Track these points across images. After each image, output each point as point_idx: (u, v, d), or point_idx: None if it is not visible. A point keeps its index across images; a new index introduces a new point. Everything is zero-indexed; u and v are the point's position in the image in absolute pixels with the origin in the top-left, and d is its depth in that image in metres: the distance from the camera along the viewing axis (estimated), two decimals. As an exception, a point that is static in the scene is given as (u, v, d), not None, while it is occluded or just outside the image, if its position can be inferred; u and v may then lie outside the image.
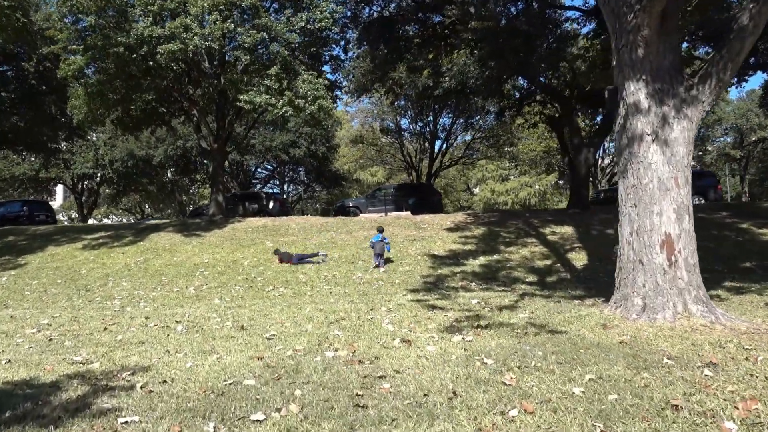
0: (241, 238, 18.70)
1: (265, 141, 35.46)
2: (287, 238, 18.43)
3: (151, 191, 46.38)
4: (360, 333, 7.65)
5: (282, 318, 9.17)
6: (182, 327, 8.57)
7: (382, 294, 11.99)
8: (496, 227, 18.94)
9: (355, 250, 16.59)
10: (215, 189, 23.01)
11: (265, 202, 26.24)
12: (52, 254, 17.85)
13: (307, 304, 10.67)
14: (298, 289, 12.97)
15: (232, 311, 10.04)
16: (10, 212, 28.56)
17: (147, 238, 19.33)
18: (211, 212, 22.95)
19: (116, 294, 12.85)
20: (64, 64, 19.21)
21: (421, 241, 17.45)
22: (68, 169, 40.65)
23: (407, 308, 9.78)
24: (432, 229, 19.02)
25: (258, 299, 11.92)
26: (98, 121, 22.97)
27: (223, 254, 16.83)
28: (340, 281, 13.59)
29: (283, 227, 20.04)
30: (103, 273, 15.32)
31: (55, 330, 8.75)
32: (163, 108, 24.35)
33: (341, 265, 15.17)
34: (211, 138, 22.95)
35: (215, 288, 13.21)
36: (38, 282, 14.61)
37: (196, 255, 16.93)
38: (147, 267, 15.77)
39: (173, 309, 10.64)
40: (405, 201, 25.42)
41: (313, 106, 20.07)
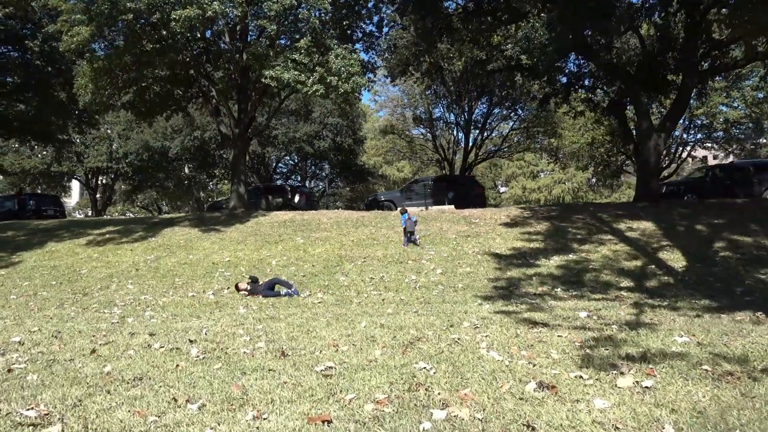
0: (266, 234, 16.27)
1: (288, 132, 33.06)
2: (319, 234, 15.97)
3: (168, 187, 44.27)
4: (459, 367, 5.15)
5: (333, 337, 6.70)
6: (197, 350, 6.13)
7: (450, 302, 9.50)
8: (561, 222, 16.32)
9: (402, 248, 14.07)
10: (236, 179, 20.60)
11: (290, 196, 23.84)
12: (51, 251, 15.56)
13: (359, 316, 8.19)
14: (341, 294, 10.52)
15: (263, 325, 7.59)
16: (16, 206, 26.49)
17: (159, 234, 16.98)
18: (232, 205, 20.55)
19: (118, 299, 10.46)
20: (67, 36, 16.92)
21: (476, 237, 14.90)
22: (81, 163, 38.63)
23: (497, 324, 7.28)
24: (486, 224, 16.46)
25: (294, 308, 9.46)
26: (107, 105, 20.67)
27: (246, 252, 14.41)
28: (391, 285, 11.11)
29: (314, 222, 17.59)
30: (107, 273, 12.96)
31: (25, 353, 6.34)
32: (178, 90, 22.01)
33: (387, 265, 12.68)
34: (232, 122, 20.54)
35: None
36: (29, 283, 12.29)
37: (215, 253, 14.54)
38: (158, 266, 13.40)
39: (187, 321, 8.21)
40: (444, 195, 22.87)
41: (347, 84, 17.60)
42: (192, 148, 33.83)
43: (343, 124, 34.64)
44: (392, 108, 35.64)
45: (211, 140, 33.48)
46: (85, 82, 18.50)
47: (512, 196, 55.03)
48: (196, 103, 24.37)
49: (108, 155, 36.77)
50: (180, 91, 22.16)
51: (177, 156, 34.68)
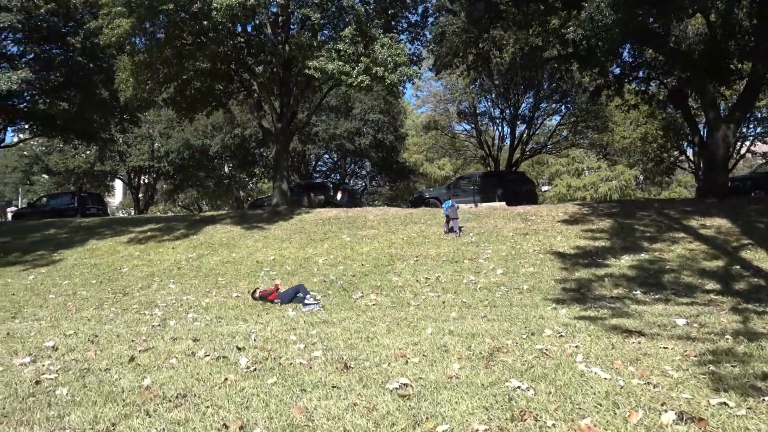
0: (311, 232, 15.56)
1: (328, 128, 32.41)
2: (366, 232, 15.17)
3: (208, 186, 44.19)
4: (562, 387, 4.27)
5: (398, 345, 5.88)
6: (247, 361, 5.38)
7: (518, 306, 8.58)
8: (624, 219, 15.18)
9: (456, 246, 13.17)
10: (278, 176, 19.96)
11: (332, 193, 23.14)
12: (92, 249, 15.14)
13: (422, 321, 7.35)
14: (396, 296, 9.68)
15: (317, 330, 6.82)
16: (60, 204, 26.54)
17: (201, 232, 16.44)
18: (275, 202, 19.93)
19: (159, 300, 9.84)
20: (107, 29, 16.51)
21: (535, 235, 13.89)
22: (123, 162, 38.75)
23: (584, 332, 6.36)
24: (543, 221, 15.42)
25: (347, 310, 8.68)
26: (148, 101, 20.28)
27: (291, 250, 13.71)
28: (448, 286, 10.23)
29: (359, 219, 16.81)
30: (148, 272, 12.41)
31: (58, 360, 5.70)
32: (219, 85, 21.50)
33: (442, 264, 11.79)
34: (274, 117, 19.90)
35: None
36: (69, 282, 11.81)
37: (258, 251, 13.88)
38: (200, 265, 12.79)
39: (232, 324, 7.50)
40: (493, 191, 21.82)
41: (394, 75, 16.76)
42: (232, 146, 33.46)
43: (385, 120, 33.82)
44: (435, 103, 34.66)
45: (252, 138, 33.07)
46: (125, 77, 18.10)
47: (556, 195, 53.38)
48: (237, 98, 23.85)
49: (150, 154, 36.75)
50: (221, 86, 21.65)
51: (217, 154, 34.37)
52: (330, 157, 42.43)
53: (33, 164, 40.39)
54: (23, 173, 42.58)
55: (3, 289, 11.36)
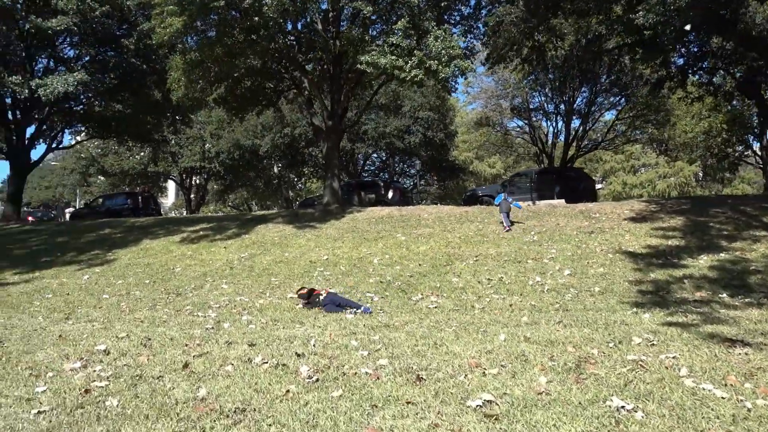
0: (364, 231, 15.14)
1: (378, 127, 32.02)
2: (421, 231, 14.66)
3: (258, 186, 44.48)
4: (676, 409, 3.67)
5: (471, 354, 5.35)
6: (308, 369, 4.93)
7: (593, 310, 7.95)
8: (697, 216, 14.21)
9: (517, 245, 12.52)
10: (330, 174, 19.63)
11: (383, 191, 22.70)
12: (146, 249, 15.10)
13: (491, 326, 6.79)
14: (458, 298, 9.14)
15: (379, 335, 6.34)
16: (115, 205, 26.98)
17: (253, 231, 16.23)
18: (326, 201, 19.61)
19: (213, 300, 9.55)
20: (159, 27, 16.49)
21: (601, 234, 13.10)
22: (176, 163, 39.32)
23: (678, 340, 5.70)
24: (608, 219, 14.59)
25: (407, 313, 8.20)
26: (199, 101, 20.30)
27: (345, 249, 13.31)
28: (513, 287, 9.62)
29: (413, 218, 16.30)
30: (201, 272, 12.20)
31: (109, 365, 5.38)
32: (269, 84, 21.34)
33: (504, 264, 11.17)
34: (325, 114, 19.58)
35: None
36: (123, 282, 11.69)
37: (311, 250, 13.53)
38: (253, 265, 12.52)
39: (289, 328, 7.09)
40: (551, 188, 20.97)
41: (448, 69, 16.19)
42: (282, 146, 33.44)
43: (435, 117, 33.22)
44: (485, 99, 33.83)
45: (301, 137, 32.98)
46: (178, 76, 18.08)
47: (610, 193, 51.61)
48: (286, 97, 23.68)
49: (201, 155, 37.14)
50: (271, 85, 21.49)
51: (267, 154, 34.44)
52: (378, 156, 42.09)
53: (89, 166, 41.44)
54: (80, 175, 43.75)
55: (58, 289, 11.31)
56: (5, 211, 26.16)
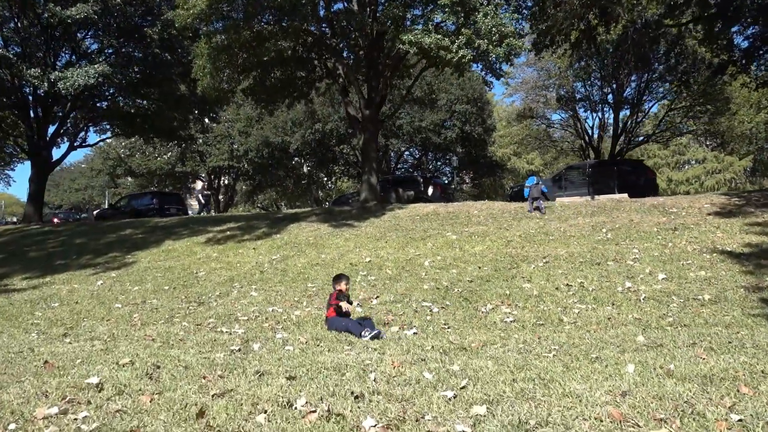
0: (408, 229, 13.54)
1: (413, 121, 30.38)
2: (473, 228, 12.99)
3: (287, 186, 43.25)
4: None
5: (600, 398, 3.68)
6: (375, 424, 3.32)
7: (722, 326, 6.23)
8: (795, 210, 12.30)
9: (590, 245, 10.78)
10: (367, 167, 18.02)
11: (422, 188, 21.05)
12: (168, 250, 13.71)
13: (603, 350, 5.10)
14: (536, 309, 7.48)
15: (457, 363, 4.71)
16: (140, 205, 25.81)
17: (285, 230, 14.75)
18: (363, 197, 18.02)
19: (240, 312, 8.03)
20: (182, 9, 15.13)
21: (687, 231, 11.28)
22: (204, 163, 38.24)
23: None
24: (689, 215, 12.75)
25: (480, 329, 6.58)
26: (226, 92, 18.93)
27: (389, 250, 11.71)
28: (601, 295, 7.92)
29: (462, 215, 14.66)
30: (227, 276, 10.73)
31: (98, 409, 3.85)
32: (301, 73, 19.87)
33: (580, 267, 9.45)
34: (362, 103, 18.00)
35: (392, 304, 8.03)
36: (140, 289, 10.27)
37: (350, 251, 11.97)
38: (285, 268, 11.00)
39: (336, 351, 5.51)
40: (608, 182, 19.10)
41: (500, 48, 14.53)
42: (312, 143, 32.02)
43: (472, 111, 31.46)
44: (527, 91, 31.90)
45: (332, 133, 31.50)
46: (203, 63, 16.69)
47: (655, 189, 49.20)
48: (319, 88, 22.18)
49: (229, 153, 35.99)
50: (302, 74, 20.01)
51: (297, 151, 33.07)
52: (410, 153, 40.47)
53: (116, 166, 40.61)
54: (108, 176, 43.00)
55: (67, 297, 9.93)
56: (26, 211, 25.20)
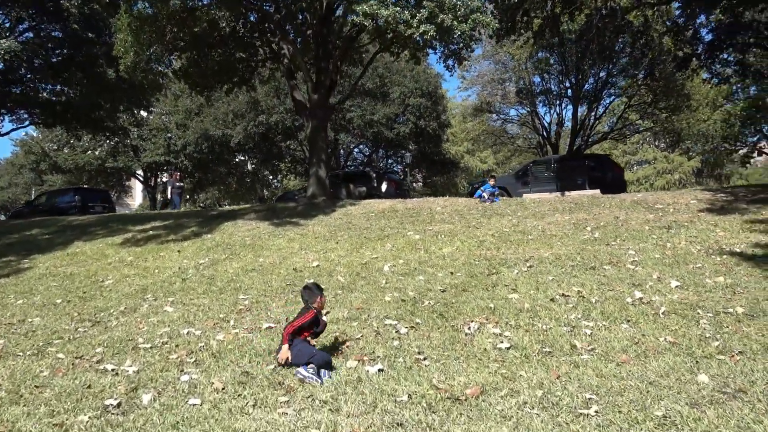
0: (363, 228, 11.72)
1: (364, 114, 28.54)
2: (438, 227, 11.27)
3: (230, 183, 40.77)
4: None
5: None
6: None
7: None
8: (792, 207, 11.09)
9: (577, 245, 9.21)
10: (315, 159, 16.05)
11: (375, 183, 19.25)
12: (74, 254, 11.46)
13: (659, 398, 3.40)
14: (534, 329, 5.78)
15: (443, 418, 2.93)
16: (61, 202, 23.07)
17: (218, 230, 12.69)
18: (311, 192, 16.06)
19: (144, 335, 6.04)
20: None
21: (682, 229, 9.86)
22: (138, 158, 35.36)
23: None
24: (677, 211, 11.40)
25: (467, 360, 4.84)
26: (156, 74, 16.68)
27: (340, 252, 9.85)
28: (609, 309, 6.32)
29: (424, 211, 12.94)
30: (139, 286, 8.65)
31: None
32: (241, 54, 17.74)
33: (572, 271, 7.82)
34: (310, 86, 16.03)
35: (347, 323, 6.18)
36: (24, 302, 8.09)
37: (294, 254, 10.05)
38: (214, 275, 9.00)
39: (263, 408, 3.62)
40: (576, 178, 17.81)
41: (466, 24, 12.89)
42: (255, 136, 29.71)
43: (427, 105, 29.86)
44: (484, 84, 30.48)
45: (278, 126, 29.28)
46: (123, 37, 14.44)
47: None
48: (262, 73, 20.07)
49: (166, 148, 33.29)
50: (243, 56, 17.89)
51: (239, 146, 30.70)
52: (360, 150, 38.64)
53: (40, 161, 37.10)
54: (32, 171, 39.43)
55: (-77, 314, 7.66)
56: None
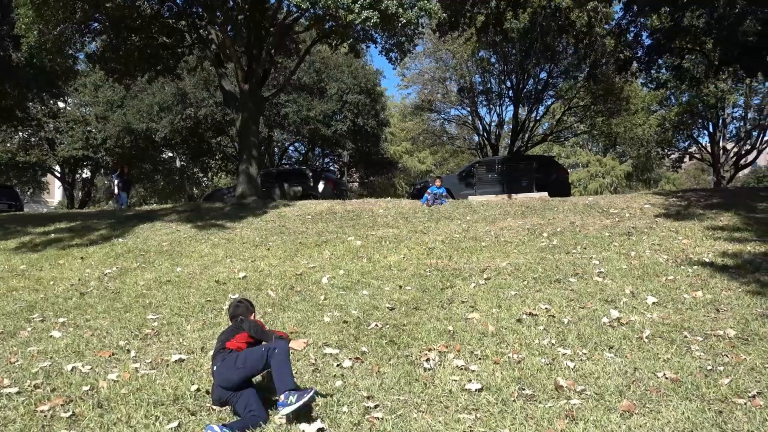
0: (298, 232, 10.53)
1: (300, 110, 27.16)
2: (382, 232, 10.23)
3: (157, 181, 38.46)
4: None
5: None
6: None
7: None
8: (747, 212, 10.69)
9: (536, 253, 8.37)
10: (245, 155, 14.66)
11: (312, 182, 18.01)
12: (-48, 261, 9.73)
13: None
14: (502, 357, 4.82)
15: None
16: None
17: (132, 233, 11.20)
18: (240, 191, 14.66)
19: (15, 373, 4.71)
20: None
21: (643, 236, 9.22)
22: (53, 152, 32.66)
23: None
24: (633, 216, 10.81)
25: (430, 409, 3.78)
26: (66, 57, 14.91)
27: (272, 261, 8.65)
28: (586, 332, 5.51)
29: (365, 214, 11.88)
30: (27, 302, 7.18)
31: None
32: (164, 39, 16.13)
33: (535, 285, 6.97)
34: (240, 75, 14.63)
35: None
36: None
37: (218, 262, 8.77)
38: (120, 288, 7.62)
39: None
40: (522, 180, 17.22)
41: (411, 12, 11.94)
42: (183, 131, 27.81)
43: (366, 102, 28.79)
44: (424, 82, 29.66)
45: (207, 120, 27.49)
46: (25, 12, 12.67)
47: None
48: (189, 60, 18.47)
49: (84, 141, 30.78)
50: (166, 40, 16.27)
51: (165, 140, 28.66)
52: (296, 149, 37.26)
53: (-61, 155, 33.66)
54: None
55: None
56: None
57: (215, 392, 3.86)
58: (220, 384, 3.77)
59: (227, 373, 3.74)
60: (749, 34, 17.18)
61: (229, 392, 3.74)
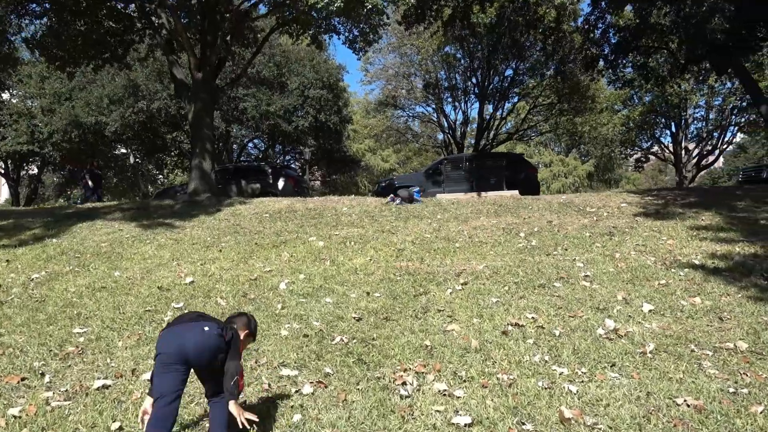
0: (254, 231, 9.64)
1: (260, 105, 26.06)
2: (346, 231, 9.42)
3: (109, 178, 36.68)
4: None
5: None
6: None
7: None
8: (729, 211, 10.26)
9: (514, 255, 7.70)
10: (198, 149, 13.63)
11: (271, 180, 17.04)
12: None
13: None
14: (490, 380, 4.11)
15: None
16: None
17: (68, 232, 10.12)
18: (192, 188, 13.63)
19: None
20: None
21: (626, 236, 8.65)
22: (-5, 147, 30.72)
23: None
24: (612, 216, 10.27)
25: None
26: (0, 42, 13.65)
27: (224, 264, 7.75)
28: (582, 346, 4.87)
29: (328, 212, 11.05)
30: (-69, 313, 6.14)
31: None
32: (111, 24, 14.97)
33: (518, 291, 6.29)
34: (192, 62, 13.59)
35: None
36: None
37: (163, 266, 7.82)
38: (46, 295, 6.65)
39: None
40: (486, 178, 16.66)
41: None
42: (135, 125, 26.39)
43: (328, 97, 27.85)
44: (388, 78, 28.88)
45: (161, 113, 26.14)
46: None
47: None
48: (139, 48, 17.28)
49: (29, 135, 29.01)
50: (113, 25, 15.11)
51: (116, 135, 27.16)
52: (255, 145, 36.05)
53: None
54: None
55: None
56: None
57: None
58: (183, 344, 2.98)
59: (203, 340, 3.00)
60: (717, 32, 16.93)
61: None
